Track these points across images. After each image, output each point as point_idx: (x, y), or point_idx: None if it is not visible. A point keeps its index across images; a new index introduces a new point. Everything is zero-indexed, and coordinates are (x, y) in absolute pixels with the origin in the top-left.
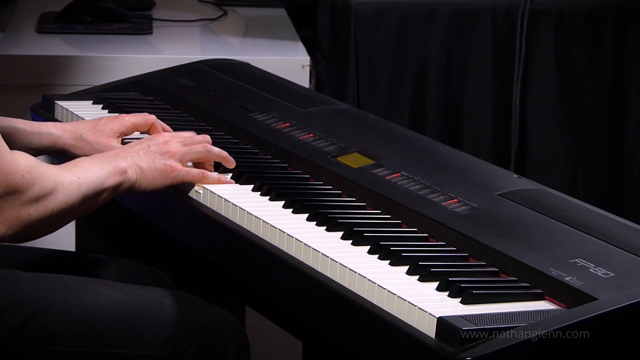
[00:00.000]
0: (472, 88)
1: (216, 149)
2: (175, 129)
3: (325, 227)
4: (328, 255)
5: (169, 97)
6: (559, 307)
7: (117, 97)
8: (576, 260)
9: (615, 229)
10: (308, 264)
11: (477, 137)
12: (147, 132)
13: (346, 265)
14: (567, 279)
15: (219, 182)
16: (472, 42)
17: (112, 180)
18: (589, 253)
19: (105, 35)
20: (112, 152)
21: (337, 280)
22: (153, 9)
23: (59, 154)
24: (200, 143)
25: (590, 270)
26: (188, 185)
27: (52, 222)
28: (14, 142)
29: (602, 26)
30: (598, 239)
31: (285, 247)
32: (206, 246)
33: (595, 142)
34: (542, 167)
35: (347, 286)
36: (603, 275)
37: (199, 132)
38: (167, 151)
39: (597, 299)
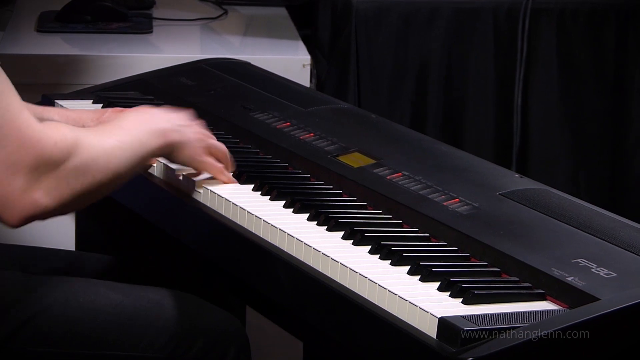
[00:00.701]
0: (473, 87)
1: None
2: None
3: (326, 227)
4: (329, 255)
5: (169, 96)
6: (561, 308)
7: (117, 96)
8: (578, 260)
9: (617, 229)
10: (309, 264)
11: (478, 136)
12: None
13: (347, 265)
14: (569, 279)
15: (230, 181)
16: (474, 41)
17: (154, 142)
18: (591, 253)
19: (105, 35)
20: (156, 111)
21: (338, 281)
22: (153, 8)
23: None
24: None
25: (593, 270)
26: (189, 185)
27: (95, 190)
28: None
29: (604, 25)
30: (600, 239)
31: (285, 247)
32: (206, 246)
33: (598, 142)
34: (543, 166)
35: (348, 286)
36: (605, 276)
37: None
38: (201, 137)
39: (599, 299)
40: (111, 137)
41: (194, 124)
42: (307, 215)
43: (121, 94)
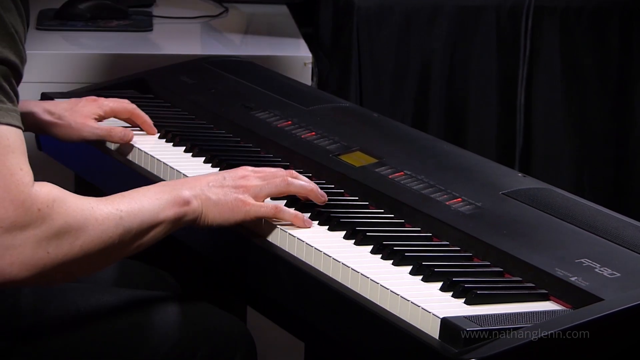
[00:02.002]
0: (476, 86)
1: (298, 182)
2: (176, 127)
3: (327, 227)
4: (330, 255)
5: (169, 94)
6: (564, 308)
7: (117, 95)
8: (582, 260)
9: (621, 229)
10: (310, 264)
11: (481, 135)
12: (127, 120)
13: (349, 265)
14: (573, 279)
15: (295, 219)
16: (476, 40)
17: (170, 212)
18: (594, 253)
19: (104, 32)
20: (179, 180)
21: (340, 281)
22: (153, 6)
23: (39, 131)
24: (280, 177)
25: (596, 270)
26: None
27: (81, 263)
28: None
29: (608, 24)
30: (604, 238)
31: (287, 247)
32: (207, 247)
33: (601, 141)
34: (547, 166)
35: (349, 286)
36: (609, 276)
37: (199, 130)
38: (242, 185)
39: (602, 300)
40: (110, 205)
41: (248, 175)
42: (308, 214)
43: (121, 93)
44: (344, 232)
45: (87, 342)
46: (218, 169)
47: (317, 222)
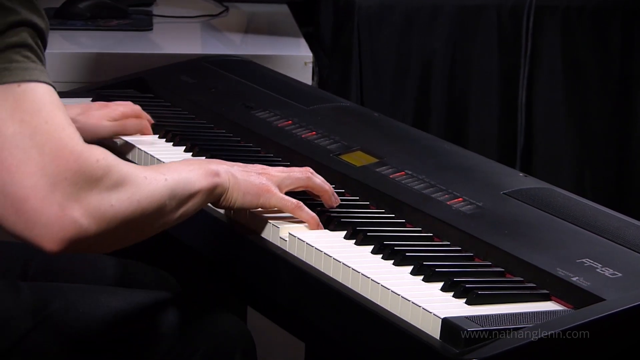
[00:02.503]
0: (477, 85)
1: (318, 180)
2: (176, 127)
3: (328, 227)
4: (331, 255)
5: (170, 94)
6: (565, 308)
7: (116, 94)
8: (583, 260)
9: (623, 229)
10: (311, 264)
11: (482, 135)
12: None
13: (349, 265)
14: (574, 279)
15: (311, 220)
16: (477, 39)
17: (204, 182)
18: (596, 253)
19: (104, 32)
20: (205, 159)
21: (340, 281)
22: (153, 5)
23: None
24: (300, 171)
25: (598, 270)
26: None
27: (140, 220)
28: None
29: (610, 23)
30: (605, 238)
31: (287, 246)
32: (207, 247)
33: (603, 141)
34: (548, 165)
35: (350, 286)
36: (610, 276)
37: (199, 129)
38: (266, 173)
39: (604, 300)
40: (154, 170)
41: (267, 167)
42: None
43: (121, 92)
44: (344, 232)
45: (87, 342)
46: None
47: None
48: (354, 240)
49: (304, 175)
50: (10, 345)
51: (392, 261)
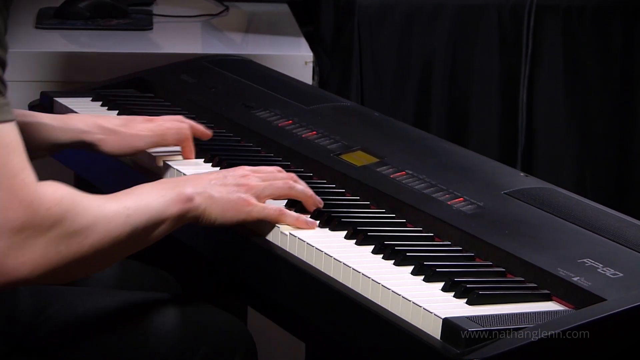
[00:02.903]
0: (478, 85)
1: (300, 187)
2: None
3: (328, 227)
4: (331, 255)
5: (170, 93)
6: (566, 308)
7: (116, 93)
8: (584, 260)
9: (624, 229)
10: (311, 264)
11: (483, 135)
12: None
13: (350, 265)
14: (575, 279)
15: (297, 222)
16: (478, 39)
17: (174, 209)
18: (597, 253)
19: (104, 31)
20: (181, 177)
21: (341, 281)
22: (153, 5)
23: (87, 149)
24: (281, 179)
25: (599, 270)
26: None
27: (90, 260)
28: (41, 139)
29: (611, 23)
30: (606, 238)
31: (288, 246)
32: (207, 247)
33: (604, 140)
34: (549, 165)
35: (350, 286)
36: (612, 276)
37: None
38: (245, 184)
39: (605, 300)
40: (117, 202)
41: (249, 174)
42: (309, 214)
43: (121, 92)
44: (345, 232)
45: (87, 344)
46: (218, 168)
47: (318, 222)
48: (354, 240)
49: (285, 184)
50: (10, 348)
51: (392, 261)
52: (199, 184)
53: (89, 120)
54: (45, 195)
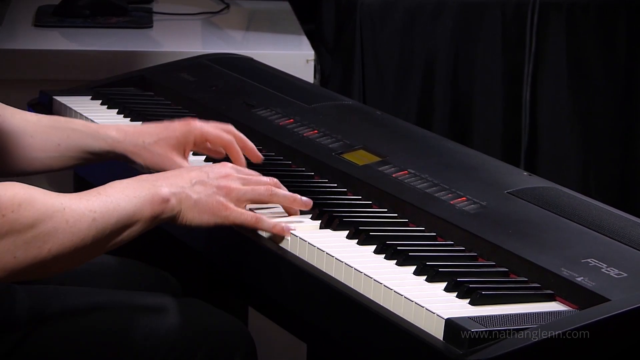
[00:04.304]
0: (481, 84)
1: (282, 193)
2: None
3: (330, 227)
4: (333, 255)
5: (170, 92)
6: (570, 309)
7: (116, 92)
8: (588, 260)
9: (628, 228)
10: (312, 264)
11: (486, 133)
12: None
13: (352, 265)
14: (579, 279)
15: (274, 229)
16: (481, 37)
17: (146, 211)
18: (601, 253)
19: (104, 29)
20: (160, 174)
21: (343, 281)
22: (153, 2)
23: (121, 160)
24: (263, 183)
25: (603, 270)
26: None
27: (51, 264)
28: (73, 145)
29: (615, 20)
30: (611, 238)
31: (289, 246)
32: (208, 247)
33: (608, 139)
34: (553, 164)
35: (352, 287)
36: (616, 276)
37: None
38: (225, 186)
39: (609, 300)
40: (83, 204)
41: (231, 174)
42: (311, 214)
43: (121, 90)
44: (346, 232)
45: (86, 343)
46: None
47: (319, 222)
48: (356, 240)
49: (267, 190)
50: (8, 349)
51: (394, 261)
52: (177, 183)
53: (123, 128)
54: (1, 200)
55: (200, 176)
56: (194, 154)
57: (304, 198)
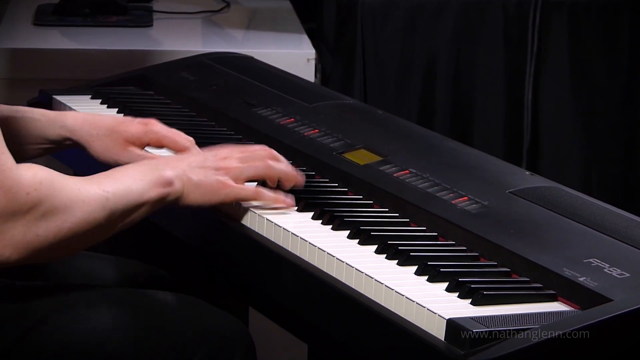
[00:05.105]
0: (482, 83)
1: (278, 166)
2: (176, 125)
3: (331, 226)
4: (334, 255)
5: (170, 91)
6: (572, 309)
7: (116, 91)
8: (590, 260)
9: (630, 228)
10: (313, 263)
11: (488, 133)
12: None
13: (353, 265)
14: (581, 279)
15: (276, 201)
16: (483, 36)
17: (153, 193)
18: (603, 253)
19: (104, 28)
20: (162, 159)
21: (344, 281)
22: (153, 1)
23: (79, 148)
24: (261, 159)
25: (605, 270)
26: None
27: (69, 242)
28: (32, 133)
29: (617, 19)
30: (613, 238)
31: (289, 246)
32: (208, 246)
33: (610, 138)
34: (555, 164)
35: (353, 287)
36: (618, 276)
37: (200, 127)
38: (224, 167)
39: (612, 300)
40: (96, 186)
41: (228, 156)
42: (311, 213)
43: (120, 90)
44: (347, 232)
45: (86, 342)
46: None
47: (320, 221)
48: (357, 240)
49: (264, 164)
50: (6, 349)
51: (396, 261)
52: (178, 167)
53: (79, 117)
54: (25, 179)
55: (199, 160)
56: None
57: (298, 173)
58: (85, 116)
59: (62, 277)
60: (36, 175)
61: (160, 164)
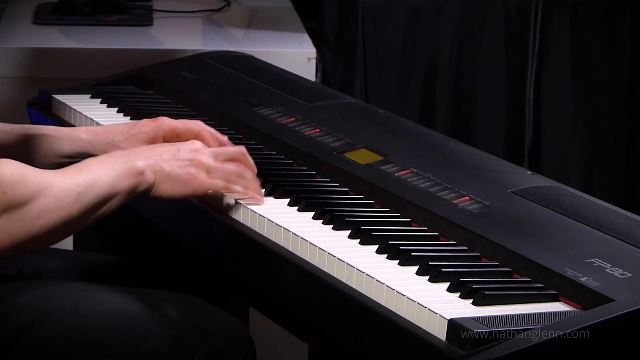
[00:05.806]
0: (484, 81)
1: (250, 175)
2: None
3: (331, 226)
4: (335, 254)
5: (170, 90)
6: (574, 309)
7: (116, 90)
8: (592, 260)
9: (632, 228)
10: (314, 263)
11: (489, 132)
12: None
13: (354, 265)
14: (583, 279)
15: (246, 195)
16: (484, 34)
17: (124, 183)
18: (605, 252)
19: (103, 27)
20: (134, 149)
21: (344, 281)
22: (153, 0)
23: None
24: (234, 161)
25: (607, 270)
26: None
27: (44, 237)
28: (46, 150)
29: (619, 18)
30: (615, 237)
31: (290, 246)
32: (207, 245)
33: (612, 138)
34: (556, 163)
35: (354, 287)
36: (620, 276)
37: None
38: (196, 159)
39: (614, 300)
40: (68, 179)
41: (201, 149)
42: (312, 213)
43: (120, 89)
44: (348, 232)
45: (86, 341)
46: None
47: (321, 221)
48: (358, 240)
49: (236, 170)
50: (7, 343)
51: (397, 261)
52: (150, 157)
53: (92, 130)
54: (2, 177)
55: (172, 150)
56: None
57: (256, 195)
58: (98, 128)
59: (63, 276)
60: (13, 174)
61: (132, 154)
